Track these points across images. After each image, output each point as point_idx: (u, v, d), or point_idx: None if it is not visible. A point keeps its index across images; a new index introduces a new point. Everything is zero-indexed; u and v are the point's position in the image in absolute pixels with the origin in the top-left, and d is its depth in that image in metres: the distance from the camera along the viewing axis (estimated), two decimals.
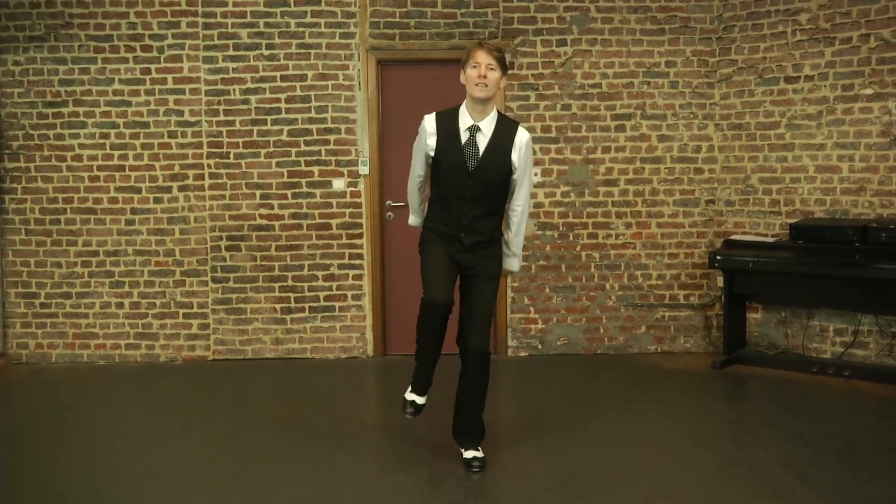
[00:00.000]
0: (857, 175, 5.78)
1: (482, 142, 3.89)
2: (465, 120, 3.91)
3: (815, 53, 5.88)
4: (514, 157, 3.92)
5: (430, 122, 3.97)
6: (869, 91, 5.70)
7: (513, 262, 4.14)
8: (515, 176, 3.97)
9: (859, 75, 5.73)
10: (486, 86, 3.82)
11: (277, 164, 6.28)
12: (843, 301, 5.73)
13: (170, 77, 6.25)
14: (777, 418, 4.79)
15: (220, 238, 6.31)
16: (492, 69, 3.83)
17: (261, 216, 6.31)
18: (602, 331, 6.42)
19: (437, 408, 4.32)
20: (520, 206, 4.05)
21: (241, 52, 6.23)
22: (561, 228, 6.35)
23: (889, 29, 5.59)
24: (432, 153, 3.96)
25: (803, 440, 4.37)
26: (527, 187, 4.04)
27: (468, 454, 4.08)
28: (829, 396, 5.22)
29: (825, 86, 5.87)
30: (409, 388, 4.12)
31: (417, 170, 4.11)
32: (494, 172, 3.91)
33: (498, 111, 3.98)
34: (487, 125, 3.90)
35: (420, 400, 4.08)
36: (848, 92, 5.78)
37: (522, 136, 3.95)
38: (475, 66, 3.83)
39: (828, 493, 3.69)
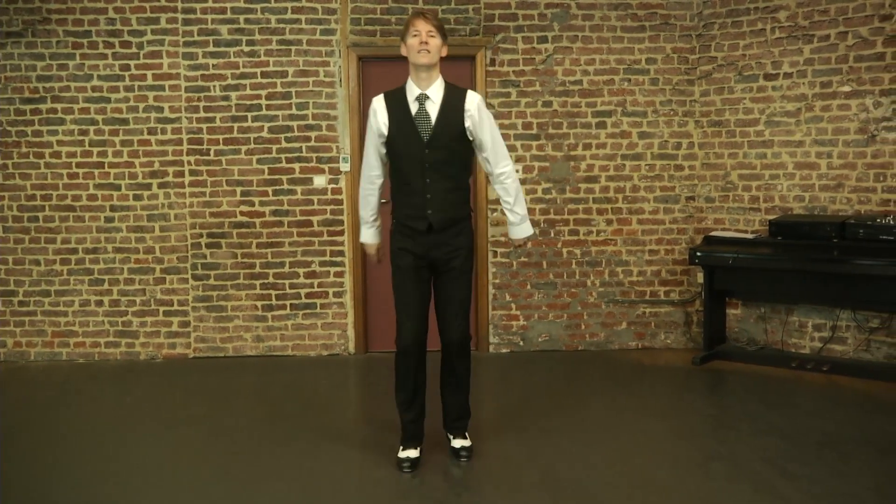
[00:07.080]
0: (836, 172, 5.83)
1: (433, 109, 3.84)
2: (412, 91, 3.87)
3: (794, 51, 5.93)
4: (468, 124, 3.85)
5: (379, 101, 3.92)
6: (847, 88, 5.75)
7: (524, 228, 4.03)
8: (477, 142, 3.90)
9: (837, 73, 5.77)
10: (429, 52, 3.80)
11: (258, 161, 6.25)
12: (822, 297, 5.78)
13: (149, 73, 6.20)
14: (757, 413, 4.82)
15: (201, 235, 6.28)
16: (432, 36, 3.81)
17: (241, 213, 6.28)
18: (583, 327, 6.44)
19: None
20: (504, 170, 3.95)
21: (222, 49, 6.20)
22: (542, 225, 6.36)
23: (867, 27, 5.64)
24: (386, 131, 3.87)
25: (782, 434, 4.41)
26: (500, 147, 3.94)
27: (456, 443, 4.10)
28: (807, 391, 5.26)
29: (804, 83, 5.91)
30: (400, 447, 4.03)
31: (372, 164, 3.99)
32: (451, 138, 3.84)
33: (445, 80, 3.92)
34: (435, 92, 3.85)
35: (414, 454, 3.99)
36: (826, 89, 5.83)
37: (472, 99, 3.86)
38: (416, 35, 3.81)
39: (807, 486, 3.72)
